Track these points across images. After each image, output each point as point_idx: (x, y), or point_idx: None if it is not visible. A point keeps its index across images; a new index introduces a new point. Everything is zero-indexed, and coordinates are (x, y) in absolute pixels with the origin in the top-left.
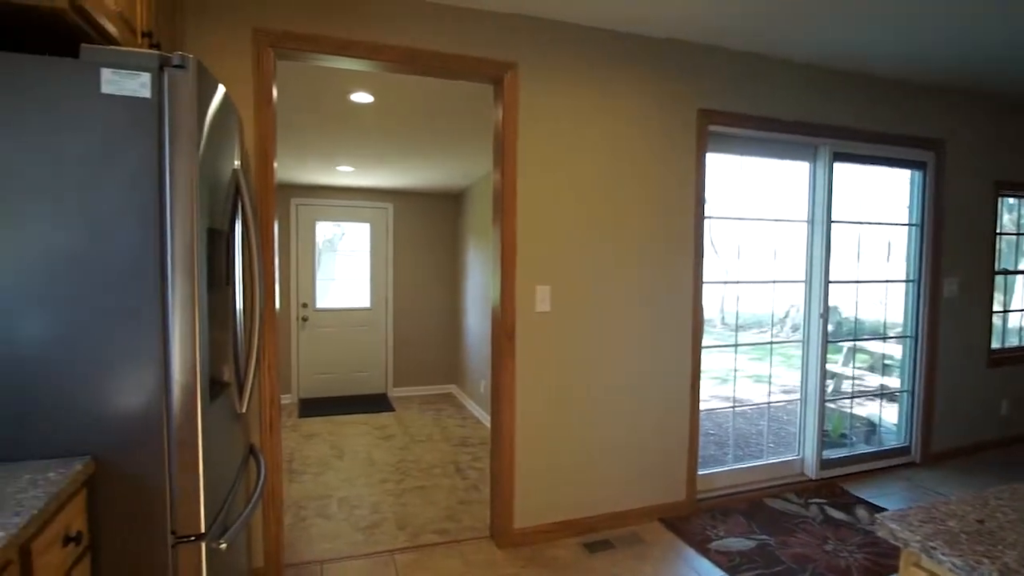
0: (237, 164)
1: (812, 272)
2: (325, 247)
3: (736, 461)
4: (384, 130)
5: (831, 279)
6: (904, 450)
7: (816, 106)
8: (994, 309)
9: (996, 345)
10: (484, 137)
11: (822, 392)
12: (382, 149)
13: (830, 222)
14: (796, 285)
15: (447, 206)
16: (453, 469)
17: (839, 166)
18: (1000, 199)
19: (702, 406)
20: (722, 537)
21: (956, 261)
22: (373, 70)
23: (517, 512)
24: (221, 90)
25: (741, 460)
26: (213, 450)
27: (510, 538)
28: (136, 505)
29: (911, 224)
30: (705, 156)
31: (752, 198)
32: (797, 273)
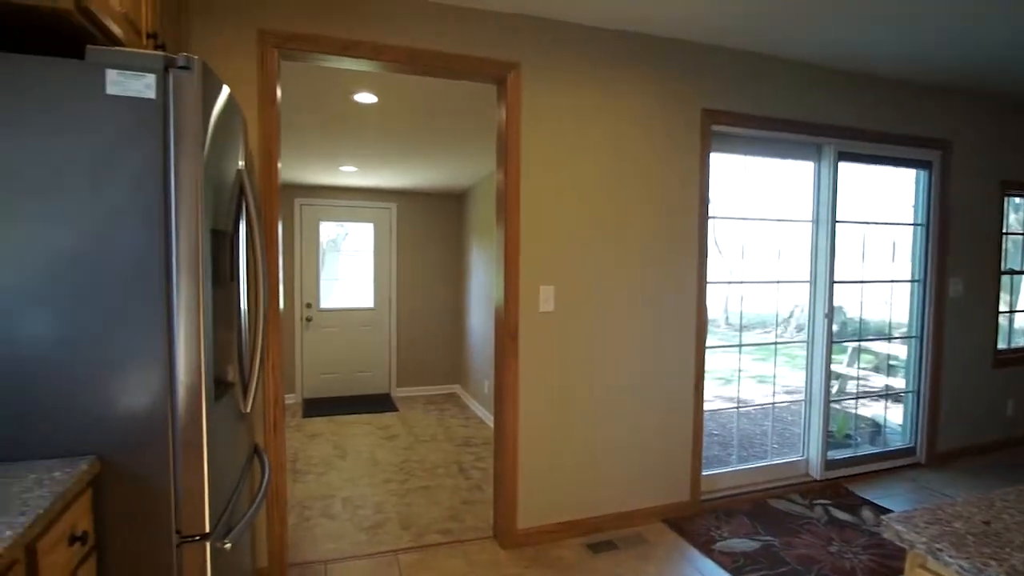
0: (241, 164)
1: (817, 272)
2: (329, 247)
3: (740, 462)
4: (387, 130)
5: (836, 279)
6: (909, 451)
7: (820, 106)
8: (1000, 309)
9: (1002, 345)
10: (487, 137)
11: (827, 392)
12: (385, 149)
13: (835, 222)
14: (801, 285)
15: (450, 206)
16: (456, 469)
17: (844, 166)
18: (1006, 199)
19: (706, 406)
20: (726, 538)
21: (962, 261)
22: (376, 70)
23: (521, 512)
24: (226, 91)
25: (745, 461)
26: (217, 450)
27: (514, 538)
28: (141, 505)
29: (916, 224)
30: (709, 156)
31: (756, 198)
32: (802, 273)
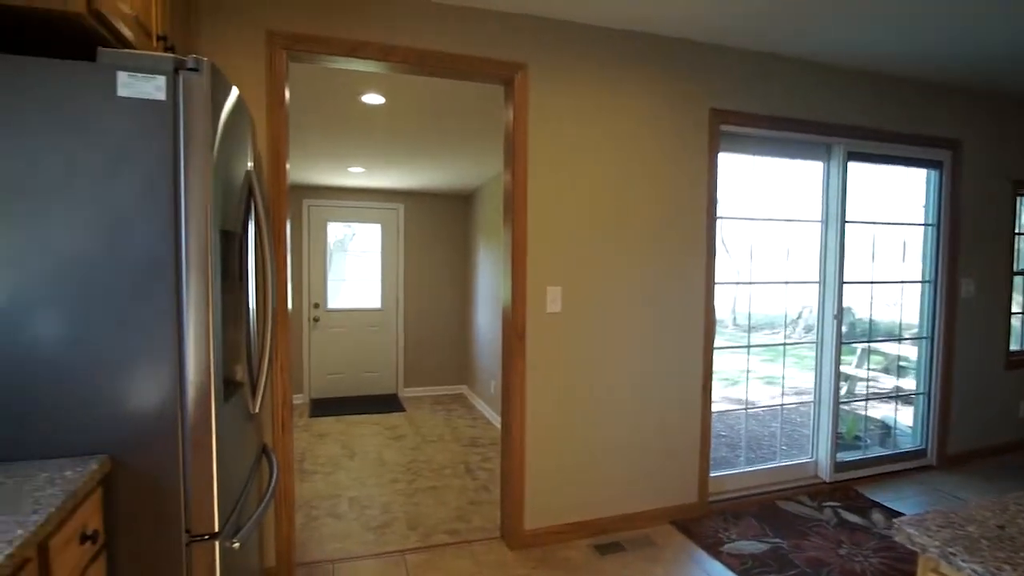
0: (250, 165)
1: (826, 272)
2: (336, 248)
3: (748, 463)
4: (395, 131)
5: (845, 280)
6: (920, 453)
7: (830, 105)
8: (1013, 310)
9: (1015, 347)
10: (494, 138)
11: (836, 394)
12: (393, 150)
13: (844, 222)
14: (809, 286)
15: (457, 207)
16: (463, 469)
17: (853, 165)
18: (1018, 199)
19: (714, 407)
20: (734, 540)
21: (973, 262)
22: (384, 71)
23: (528, 513)
24: (235, 92)
25: (753, 462)
26: (227, 450)
27: (521, 539)
28: (151, 504)
29: (927, 224)
30: (717, 156)
31: (765, 198)
32: (810, 274)
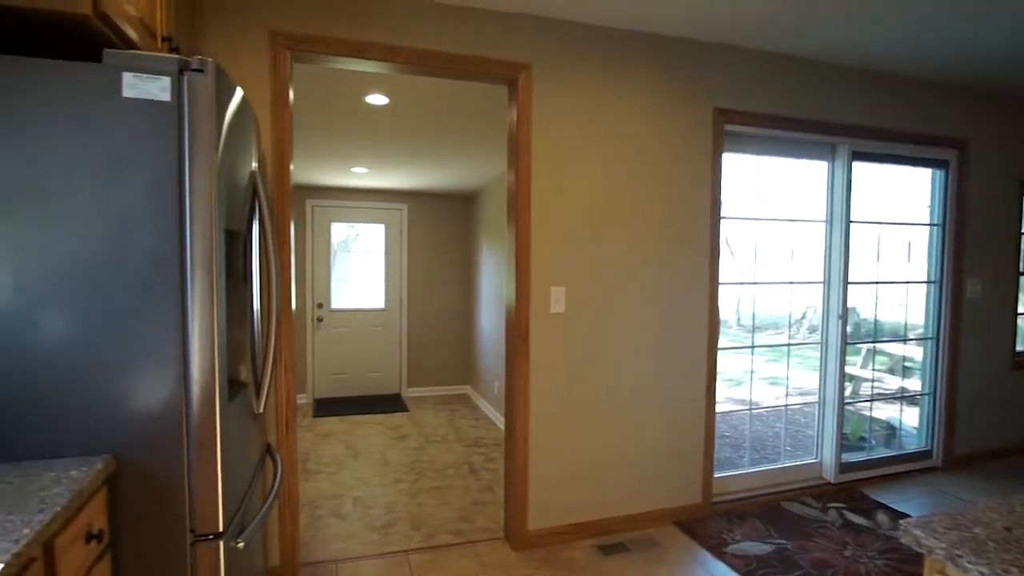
0: (255, 166)
1: (830, 273)
2: (340, 248)
3: (752, 464)
4: (398, 131)
5: (850, 280)
6: (925, 454)
7: (834, 105)
8: (1019, 310)
9: (1021, 347)
10: (498, 138)
11: (841, 394)
12: (397, 150)
13: (849, 222)
14: (814, 286)
15: (461, 207)
16: (467, 470)
17: (858, 165)
18: None
19: (718, 408)
20: (739, 541)
21: (979, 262)
22: (388, 72)
23: (531, 513)
24: (239, 93)
25: (758, 463)
26: (231, 450)
27: (524, 539)
28: (155, 504)
29: (933, 224)
30: (721, 156)
31: (769, 198)
32: (815, 274)
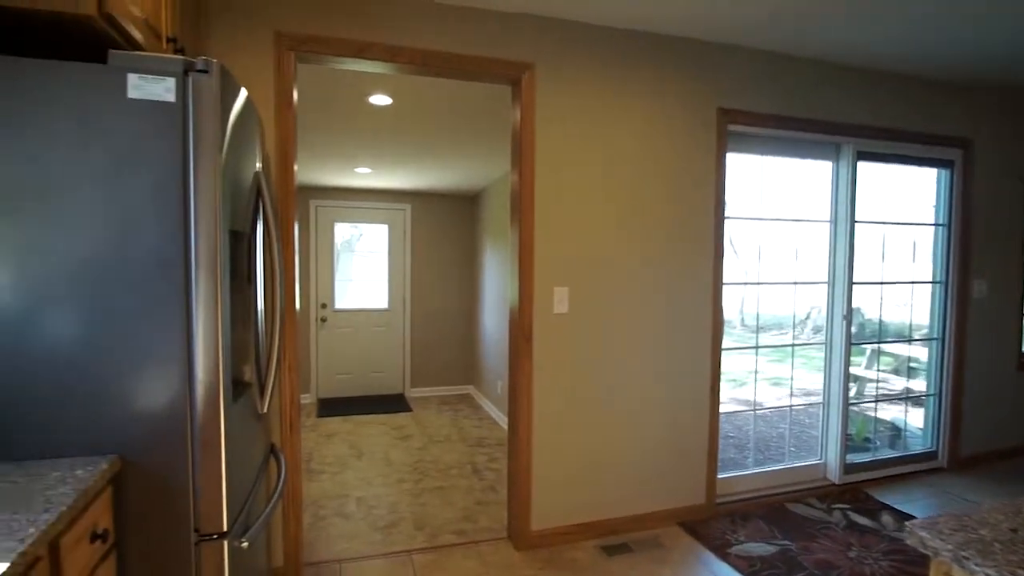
0: (259, 166)
1: (835, 273)
2: (343, 248)
3: (756, 465)
4: (402, 132)
5: (855, 280)
6: (931, 455)
7: (838, 104)
8: None
9: None
10: (501, 138)
11: (846, 395)
12: (400, 151)
13: (854, 222)
14: (818, 286)
15: (464, 207)
16: (470, 470)
17: (863, 165)
18: None
19: (722, 408)
20: (743, 542)
21: (985, 262)
22: (391, 72)
23: (535, 513)
24: (243, 93)
25: (762, 464)
26: (235, 450)
27: (528, 540)
28: (160, 503)
29: (938, 224)
30: (725, 156)
31: (773, 198)
32: (819, 274)
